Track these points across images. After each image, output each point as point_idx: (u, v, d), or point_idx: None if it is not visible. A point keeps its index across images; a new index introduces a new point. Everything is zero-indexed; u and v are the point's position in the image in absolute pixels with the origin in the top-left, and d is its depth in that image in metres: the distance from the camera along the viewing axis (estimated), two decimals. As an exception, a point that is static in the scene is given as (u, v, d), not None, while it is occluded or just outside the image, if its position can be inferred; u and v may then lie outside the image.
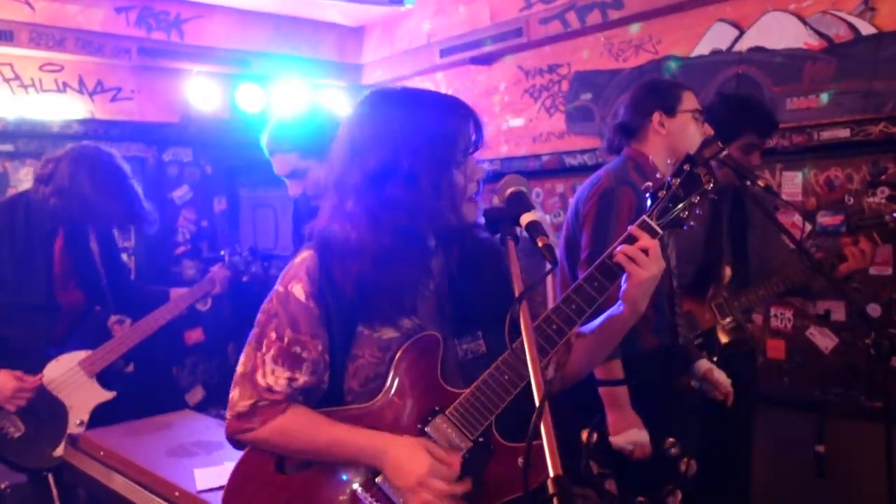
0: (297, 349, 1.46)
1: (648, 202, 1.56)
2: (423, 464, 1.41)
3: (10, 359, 2.78)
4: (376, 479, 1.46)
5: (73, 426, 2.84)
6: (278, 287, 1.51)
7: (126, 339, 3.01)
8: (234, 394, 1.48)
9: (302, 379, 1.46)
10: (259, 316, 1.52)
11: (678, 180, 1.53)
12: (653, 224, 1.52)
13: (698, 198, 1.53)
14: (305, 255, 1.52)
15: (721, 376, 2.53)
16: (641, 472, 2.30)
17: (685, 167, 1.54)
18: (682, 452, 2.30)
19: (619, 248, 1.49)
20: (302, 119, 2.41)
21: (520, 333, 1.28)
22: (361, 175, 1.47)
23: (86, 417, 2.88)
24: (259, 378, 1.46)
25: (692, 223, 1.55)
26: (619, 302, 1.54)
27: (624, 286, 1.51)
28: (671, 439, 2.30)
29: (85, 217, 2.90)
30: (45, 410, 2.81)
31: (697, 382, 2.49)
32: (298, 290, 1.48)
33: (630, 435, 2.27)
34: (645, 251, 1.47)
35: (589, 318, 1.54)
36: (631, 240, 1.50)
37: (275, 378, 1.46)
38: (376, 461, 1.45)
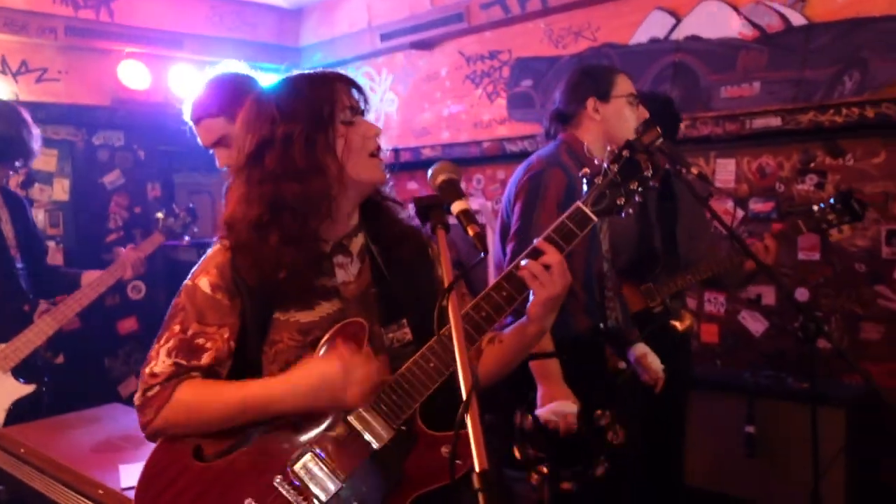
0: (201, 340, 1.44)
1: (584, 188, 1.52)
2: (334, 361, 1.38)
3: None
4: (295, 467, 1.41)
5: None
6: (187, 281, 1.49)
7: (42, 328, 2.86)
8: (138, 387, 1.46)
9: (191, 363, 1.43)
10: (169, 310, 1.49)
11: (616, 166, 1.50)
12: (586, 210, 1.49)
13: (637, 184, 1.50)
14: (216, 249, 1.50)
15: (654, 362, 2.56)
16: (572, 446, 2.29)
17: (624, 153, 1.51)
18: (611, 423, 2.31)
19: (523, 264, 1.46)
20: (228, 82, 2.33)
21: (446, 321, 1.26)
22: (242, 155, 1.48)
23: (1, 416, 2.75)
24: (148, 369, 1.44)
25: (630, 210, 1.51)
26: (526, 315, 1.52)
27: (529, 301, 1.49)
28: (599, 411, 2.31)
29: None
30: None
31: (626, 364, 2.51)
32: (204, 283, 1.46)
33: (554, 406, 2.24)
34: (548, 267, 1.45)
35: (518, 306, 1.52)
36: (536, 254, 1.46)
37: (159, 365, 1.43)
38: (294, 398, 1.39)
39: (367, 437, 1.43)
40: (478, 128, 4.72)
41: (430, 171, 1.50)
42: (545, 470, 2.29)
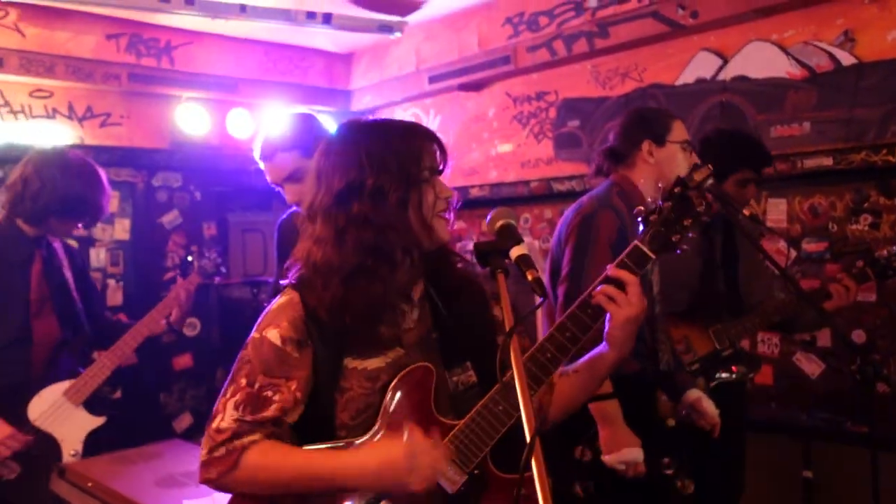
0: (269, 393, 1.44)
1: (640, 227, 1.55)
2: (401, 445, 1.38)
3: None
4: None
5: (68, 458, 2.80)
6: (254, 334, 1.50)
7: (105, 363, 2.97)
8: (204, 440, 1.47)
9: (255, 416, 1.42)
10: (235, 364, 1.49)
11: (669, 204, 1.53)
12: (644, 248, 1.52)
13: (690, 221, 1.52)
14: (283, 301, 1.51)
15: (709, 407, 2.52)
16: (636, 491, 2.29)
17: (676, 190, 1.54)
18: (677, 473, 2.29)
19: (598, 289, 1.49)
20: (299, 121, 2.43)
21: (508, 362, 1.29)
22: (328, 196, 1.49)
23: (79, 447, 2.85)
24: (214, 424, 1.44)
25: (685, 247, 1.54)
26: (604, 343, 1.54)
27: (606, 327, 1.52)
28: (667, 459, 2.29)
29: (65, 213, 2.83)
30: (37, 448, 2.76)
31: (675, 420, 2.47)
32: (274, 335, 1.47)
33: (623, 454, 2.23)
34: (623, 289, 1.48)
35: (583, 346, 1.54)
36: (610, 280, 1.50)
37: (224, 420, 1.43)
38: (360, 478, 1.39)
39: (442, 482, 1.44)
40: (525, 167, 4.77)
41: (488, 217, 1.55)
42: None
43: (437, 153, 1.54)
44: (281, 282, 1.58)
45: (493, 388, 1.47)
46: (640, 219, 1.55)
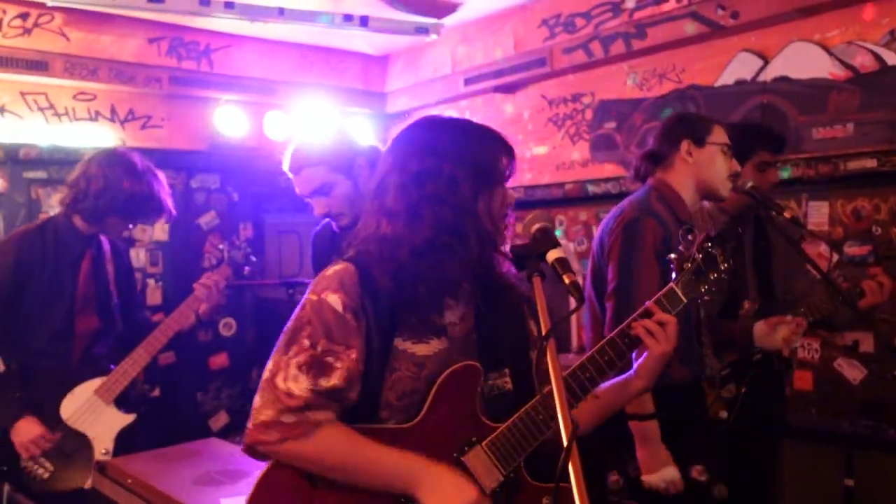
0: (330, 359, 1.42)
1: (673, 274, 1.68)
2: (472, 495, 1.41)
3: (32, 391, 2.81)
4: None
5: (99, 456, 2.85)
6: (310, 296, 1.48)
7: (136, 360, 2.99)
8: (257, 400, 1.43)
9: (327, 384, 1.41)
10: (290, 323, 1.48)
11: (700, 256, 1.68)
12: (679, 292, 1.63)
13: (715, 276, 1.68)
14: (339, 268, 1.49)
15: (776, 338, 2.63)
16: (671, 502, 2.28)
17: (706, 245, 1.69)
18: (712, 478, 2.29)
19: (637, 322, 1.58)
20: (329, 134, 2.45)
21: (548, 374, 1.29)
22: (403, 175, 1.50)
23: (110, 446, 2.89)
24: (279, 381, 1.41)
25: (706, 298, 1.69)
26: (632, 371, 1.61)
27: (640, 360, 1.59)
28: (698, 467, 2.28)
29: (128, 212, 2.88)
30: (69, 446, 2.83)
31: (727, 414, 2.47)
32: (334, 300, 1.45)
33: (664, 474, 2.23)
34: (662, 326, 1.56)
35: (619, 370, 1.60)
36: (649, 314, 1.59)
37: (296, 384, 1.40)
38: (414, 485, 1.41)
39: (479, 480, 1.46)
40: (560, 170, 4.75)
41: (524, 221, 1.55)
42: None
43: (508, 162, 1.57)
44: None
45: (535, 398, 1.48)
46: (672, 266, 1.69)
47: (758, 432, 2.77)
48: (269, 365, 1.45)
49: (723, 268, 1.68)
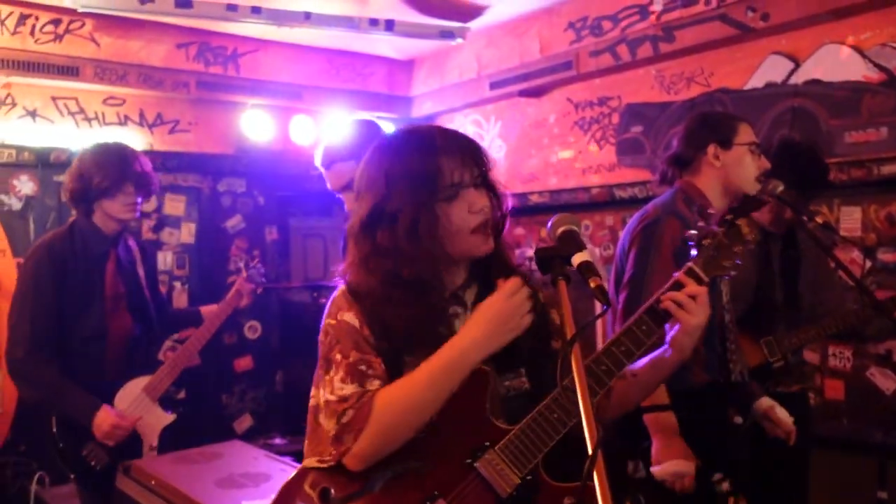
0: (364, 367, 1.44)
1: (693, 252, 1.57)
2: (491, 300, 1.46)
3: None
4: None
5: (147, 452, 2.88)
6: (328, 321, 1.51)
7: (177, 362, 3.07)
8: (310, 432, 1.47)
9: (372, 387, 1.43)
10: (320, 351, 1.51)
11: (723, 230, 1.57)
12: (698, 271, 1.54)
13: (740, 248, 1.57)
14: (344, 289, 1.54)
15: (783, 414, 2.48)
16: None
17: (728, 217, 1.59)
18: (732, 489, 2.24)
19: (666, 294, 1.50)
20: (359, 129, 2.45)
21: (568, 371, 1.27)
22: (359, 222, 1.52)
23: (155, 442, 2.93)
24: (328, 395, 1.44)
25: (733, 273, 1.57)
26: (666, 346, 1.54)
27: (672, 333, 1.52)
28: (719, 474, 2.23)
29: (109, 189, 2.89)
30: (123, 440, 2.84)
31: (742, 420, 2.42)
32: (350, 318, 1.48)
33: (671, 465, 2.19)
34: (693, 297, 1.49)
35: (637, 360, 1.53)
36: (678, 286, 1.51)
37: (344, 390, 1.43)
38: (475, 344, 1.43)
39: (494, 486, 1.43)
40: (586, 174, 4.71)
41: (549, 223, 1.52)
42: None
43: (466, 163, 1.49)
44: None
45: (552, 393, 1.45)
46: (691, 243, 1.59)
47: (785, 442, 2.71)
48: (313, 392, 1.49)
49: (749, 238, 1.58)
